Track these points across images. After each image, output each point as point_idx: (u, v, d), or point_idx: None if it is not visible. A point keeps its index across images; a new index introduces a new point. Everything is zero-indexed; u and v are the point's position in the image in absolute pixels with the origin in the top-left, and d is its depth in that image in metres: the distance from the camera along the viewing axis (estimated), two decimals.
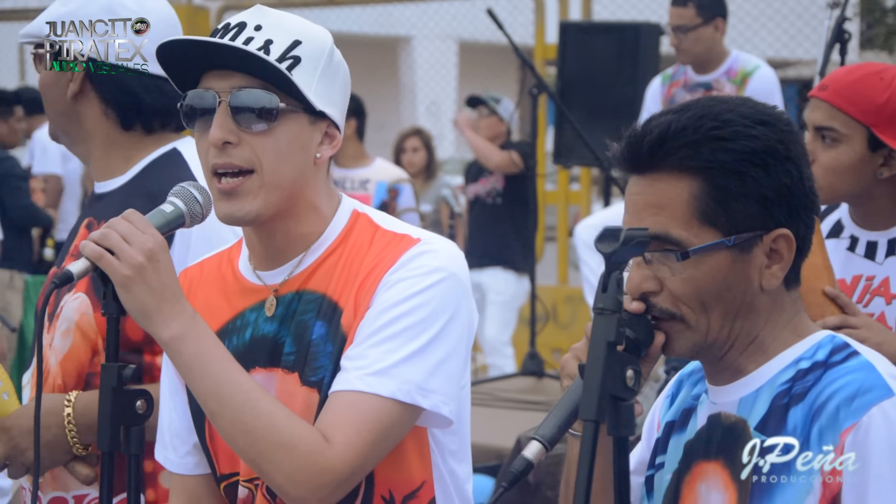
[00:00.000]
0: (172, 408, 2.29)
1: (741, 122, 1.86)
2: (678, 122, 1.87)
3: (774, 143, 1.86)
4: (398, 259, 2.11)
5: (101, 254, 2.01)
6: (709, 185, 1.84)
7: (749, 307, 1.88)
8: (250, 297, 2.21)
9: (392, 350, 2.07)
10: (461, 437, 2.24)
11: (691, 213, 1.85)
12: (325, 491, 2.05)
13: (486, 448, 5.48)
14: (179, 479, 2.29)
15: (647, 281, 1.87)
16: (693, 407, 1.99)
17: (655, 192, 1.87)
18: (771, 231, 1.86)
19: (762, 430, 1.85)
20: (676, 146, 1.85)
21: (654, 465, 2.02)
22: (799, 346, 1.89)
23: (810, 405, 1.82)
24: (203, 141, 2.13)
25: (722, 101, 1.90)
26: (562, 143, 7.92)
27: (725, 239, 1.84)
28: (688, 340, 1.88)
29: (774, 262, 1.87)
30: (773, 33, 11.77)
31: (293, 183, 2.13)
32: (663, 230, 1.85)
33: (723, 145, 1.84)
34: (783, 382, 1.86)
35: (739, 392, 1.90)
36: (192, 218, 2.12)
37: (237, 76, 2.10)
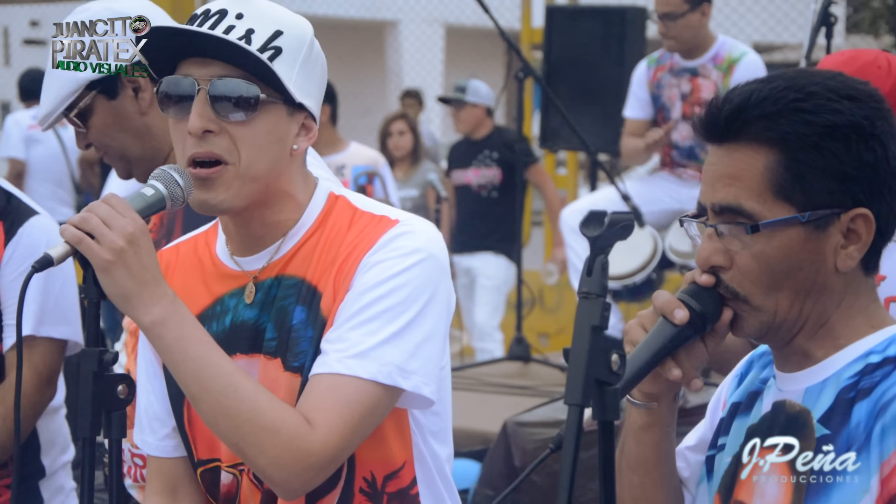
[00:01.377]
0: (150, 390, 2.28)
1: (826, 95, 1.80)
2: (760, 91, 1.81)
3: (859, 118, 1.79)
4: (377, 241, 2.11)
5: (81, 237, 1.99)
6: (785, 157, 1.79)
7: (821, 288, 1.82)
8: (229, 283, 2.20)
9: (372, 332, 2.06)
10: (442, 417, 2.24)
11: (765, 185, 1.79)
12: (309, 474, 2.05)
13: (472, 432, 5.47)
14: (157, 462, 2.29)
15: (717, 254, 1.83)
16: (760, 391, 1.93)
17: (731, 162, 1.82)
18: (849, 210, 1.80)
19: (825, 423, 1.80)
20: (755, 116, 1.80)
21: (716, 446, 1.97)
22: (871, 337, 1.83)
23: (875, 402, 1.76)
24: (179, 128, 2.11)
25: (810, 74, 1.85)
26: (548, 127, 7.91)
27: (799, 214, 1.79)
28: (755, 320, 1.83)
29: (851, 243, 1.81)
30: (760, 17, 11.77)
31: (268, 173, 2.12)
32: (736, 201, 1.81)
33: (803, 117, 1.79)
34: (851, 375, 1.81)
35: (806, 381, 1.84)
36: (172, 201, 2.10)
37: (217, 64, 2.08)
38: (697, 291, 1.84)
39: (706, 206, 1.86)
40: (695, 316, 1.83)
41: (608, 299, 1.77)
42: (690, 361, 1.87)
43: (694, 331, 1.84)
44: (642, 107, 6.54)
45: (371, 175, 7.34)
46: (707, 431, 2.03)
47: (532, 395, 6.07)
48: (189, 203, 2.12)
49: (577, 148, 8.28)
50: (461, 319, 8.42)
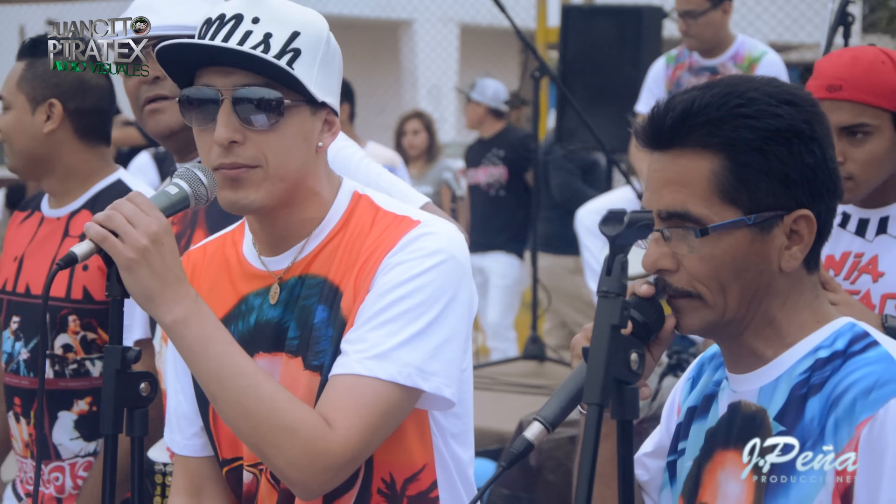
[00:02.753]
0: (179, 389, 2.29)
1: (766, 100, 1.84)
2: (702, 98, 1.85)
3: (799, 122, 1.84)
4: (398, 242, 2.11)
5: (105, 236, 2.00)
6: (731, 162, 1.82)
7: (767, 288, 1.86)
8: (254, 283, 2.21)
9: (392, 333, 2.06)
10: (464, 420, 2.24)
11: (712, 190, 1.83)
12: (327, 475, 2.05)
13: (487, 432, 5.48)
14: (184, 461, 2.29)
15: (665, 258, 1.86)
16: (714, 393, 1.97)
17: (677, 168, 1.85)
18: (792, 211, 1.84)
19: (781, 420, 1.83)
20: (699, 122, 1.84)
21: (676, 451, 2.01)
22: (818, 333, 1.87)
23: (827, 396, 1.80)
24: (204, 136, 2.11)
25: (747, 80, 1.88)
26: (564, 126, 7.90)
27: (746, 217, 1.83)
28: (701, 318, 1.86)
29: (794, 244, 1.85)
30: (776, 17, 11.74)
31: (297, 174, 2.13)
32: (683, 207, 1.84)
33: (746, 122, 1.83)
34: (802, 372, 1.84)
35: (759, 381, 1.88)
36: (196, 200, 2.11)
37: (238, 73, 2.08)
38: (639, 303, 1.86)
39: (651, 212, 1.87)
40: (638, 327, 1.85)
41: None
42: None
43: (639, 341, 1.85)
44: None
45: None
46: (664, 437, 2.06)
47: (547, 394, 6.07)
48: (219, 202, 2.13)
49: (592, 147, 8.26)
50: (477, 320, 8.43)
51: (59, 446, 3.07)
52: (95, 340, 3.03)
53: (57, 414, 3.04)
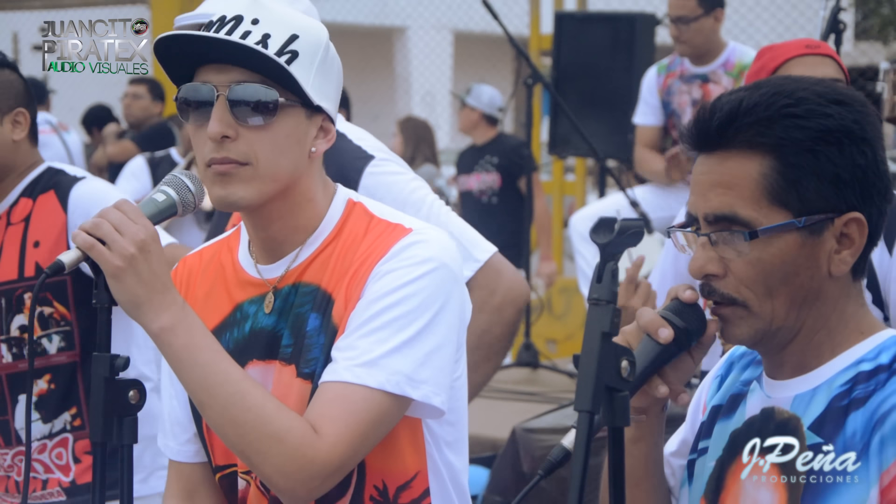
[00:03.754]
0: (173, 395, 2.29)
1: (816, 100, 1.79)
2: (750, 98, 1.80)
3: (850, 122, 1.79)
4: (389, 249, 2.10)
5: (93, 244, 1.99)
6: (780, 162, 1.78)
7: (816, 294, 1.81)
8: (249, 290, 2.20)
9: (381, 341, 2.06)
10: (458, 428, 2.23)
11: (761, 192, 1.78)
12: (315, 482, 2.04)
13: (480, 439, 5.47)
14: (177, 467, 2.29)
15: (712, 263, 1.82)
16: (742, 393, 1.92)
17: (724, 170, 1.80)
18: (843, 214, 1.79)
19: (818, 430, 1.79)
20: (747, 123, 1.79)
21: (697, 450, 1.97)
22: (861, 345, 1.82)
23: (872, 412, 1.75)
24: (199, 134, 2.12)
25: (796, 80, 1.84)
26: (557, 133, 7.91)
27: (796, 220, 1.78)
28: (749, 327, 1.82)
29: (845, 248, 1.80)
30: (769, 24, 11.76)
31: (288, 175, 2.13)
32: (730, 210, 1.79)
33: (796, 122, 1.78)
34: (843, 384, 1.79)
35: (796, 388, 1.83)
36: (184, 207, 2.11)
37: (235, 70, 2.09)
38: (681, 308, 1.84)
39: (697, 216, 1.85)
40: (679, 333, 1.83)
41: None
42: (677, 377, 1.86)
43: (679, 348, 1.84)
44: (653, 113, 6.53)
45: None
46: (688, 434, 2.03)
47: (540, 401, 6.07)
48: (209, 200, 2.12)
49: (585, 154, 8.28)
50: None
51: (21, 430, 3.07)
52: (52, 315, 3.03)
53: (17, 397, 3.05)
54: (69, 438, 3.07)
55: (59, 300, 3.02)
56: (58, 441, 3.07)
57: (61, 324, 3.02)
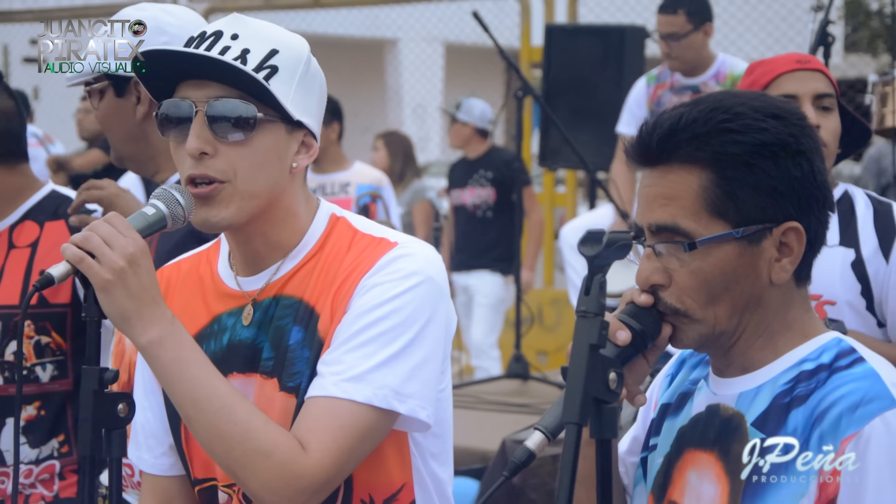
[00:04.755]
0: (147, 407, 2.28)
1: (752, 115, 1.86)
2: (689, 114, 1.87)
3: (785, 136, 1.85)
4: (375, 263, 2.11)
5: (82, 257, 2.00)
6: (718, 176, 1.84)
7: (758, 300, 1.87)
8: (228, 302, 2.20)
9: (368, 355, 2.06)
10: (443, 439, 2.23)
11: (700, 204, 1.85)
12: (301, 498, 2.04)
13: (470, 451, 5.47)
14: (152, 480, 2.29)
15: (656, 273, 1.87)
16: (690, 392, 1.99)
17: (665, 183, 1.87)
18: (781, 224, 1.86)
19: (760, 427, 1.85)
20: (686, 138, 1.86)
21: (649, 447, 2.02)
22: (804, 346, 1.89)
23: (812, 409, 1.81)
24: (179, 150, 2.12)
25: (734, 95, 1.91)
26: (547, 145, 7.92)
27: (734, 230, 1.84)
28: (694, 332, 1.88)
29: (784, 256, 1.87)
30: (758, 36, 11.80)
31: (268, 192, 2.13)
32: (672, 221, 1.85)
33: (732, 137, 1.84)
34: (785, 382, 1.86)
35: (740, 386, 1.90)
36: (173, 220, 2.11)
37: (214, 86, 2.09)
38: (637, 311, 1.88)
39: (643, 227, 1.90)
40: (636, 336, 1.86)
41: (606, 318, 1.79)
42: (633, 378, 1.90)
43: (636, 350, 1.87)
44: (638, 124, 6.54)
45: (374, 196, 7.36)
46: (639, 432, 2.08)
47: (531, 412, 6.07)
48: (191, 222, 2.12)
49: (576, 166, 8.29)
50: (461, 339, 8.42)
51: (6, 452, 3.06)
52: (49, 344, 3.03)
53: (5, 420, 3.04)
54: (56, 465, 3.07)
55: (58, 331, 3.00)
56: (44, 467, 3.06)
57: (56, 353, 3.02)
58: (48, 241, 3.06)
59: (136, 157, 2.88)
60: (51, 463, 3.06)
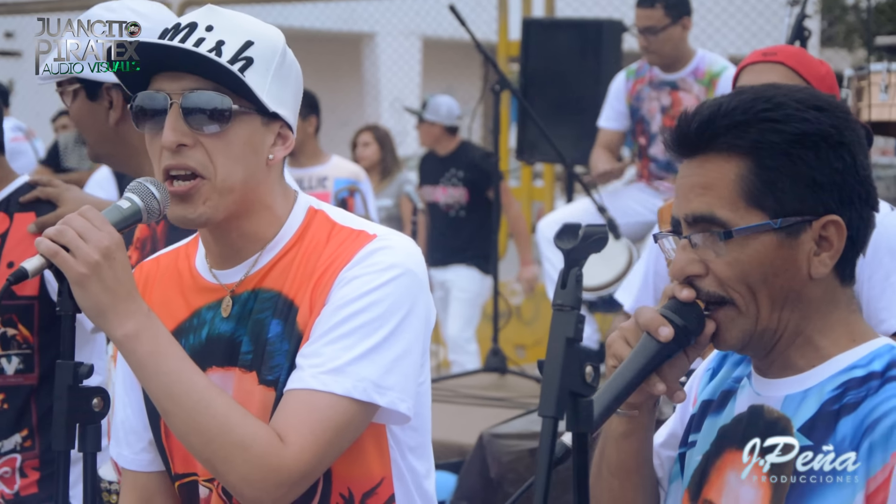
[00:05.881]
0: (127, 403, 2.27)
1: (794, 105, 1.83)
2: (729, 103, 1.84)
3: (827, 127, 1.82)
4: (354, 255, 2.10)
5: (57, 251, 1.98)
6: (756, 165, 1.81)
7: (798, 296, 1.83)
8: (206, 296, 2.20)
9: (347, 347, 2.06)
10: (421, 433, 2.23)
11: (738, 193, 1.82)
12: (280, 491, 2.03)
13: (448, 444, 5.47)
14: (132, 476, 2.28)
15: (692, 264, 1.84)
16: (733, 390, 1.95)
17: (703, 172, 1.84)
18: (821, 217, 1.82)
19: (808, 433, 1.81)
20: (725, 125, 1.83)
21: (688, 443, 1.99)
22: (854, 352, 1.84)
23: (863, 418, 1.77)
24: (155, 143, 2.11)
25: (776, 87, 1.88)
26: (524, 139, 7.92)
27: (772, 221, 1.81)
28: (739, 329, 1.84)
29: (824, 250, 1.83)
30: (735, 30, 11.82)
31: (245, 185, 2.12)
32: (709, 210, 1.82)
33: (773, 126, 1.81)
34: (834, 388, 1.82)
35: (786, 389, 1.86)
36: (148, 214, 2.10)
37: (189, 78, 2.08)
38: (679, 307, 1.85)
39: (679, 219, 1.87)
40: (679, 332, 1.84)
41: (583, 311, 1.78)
42: (673, 375, 1.88)
43: (678, 346, 1.85)
44: (618, 118, 6.56)
45: (352, 190, 7.35)
46: (677, 427, 2.04)
47: (508, 406, 6.08)
48: (167, 217, 2.11)
49: (553, 160, 8.30)
50: (438, 333, 8.42)
51: None
52: (15, 337, 3.01)
53: None
54: (17, 459, 3.05)
55: (24, 323, 2.98)
56: (6, 460, 3.05)
57: (23, 346, 3.00)
58: (17, 233, 3.04)
59: (115, 155, 2.86)
60: (12, 457, 3.05)
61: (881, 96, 4.48)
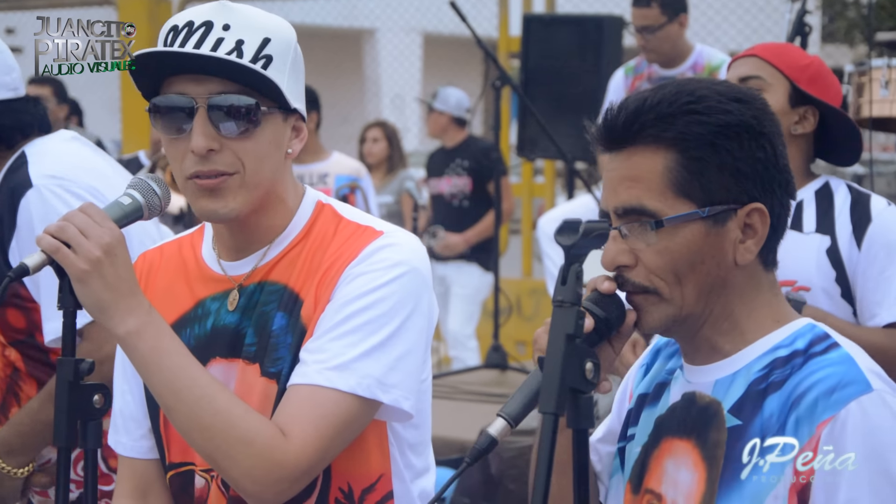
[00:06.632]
0: (127, 390, 2.28)
1: (716, 97, 1.88)
2: (654, 97, 1.89)
3: (748, 118, 1.88)
4: (360, 252, 2.11)
5: (58, 247, 1.99)
6: (683, 156, 1.86)
7: (723, 282, 1.89)
8: (212, 287, 2.20)
9: (352, 344, 2.06)
10: (421, 430, 2.24)
11: (666, 184, 1.86)
12: (282, 485, 2.04)
13: (449, 441, 5.48)
14: (130, 464, 2.28)
15: (623, 255, 1.88)
16: (667, 381, 2.00)
17: (631, 165, 1.88)
18: (745, 205, 1.87)
19: (737, 413, 1.86)
20: (651, 119, 1.87)
21: (626, 437, 2.03)
22: (777, 333, 1.90)
23: (788, 394, 1.83)
24: (177, 146, 2.09)
25: (698, 80, 1.93)
26: (525, 135, 7.92)
27: (699, 210, 1.86)
28: (661, 313, 1.88)
29: (748, 237, 1.88)
30: (736, 26, 11.82)
31: (270, 180, 2.13)
32: (638, 202, 1.86)
33: (697, 118, 1.86)
34: (760, 369, 1.87)
35: (715, 374, 1.91)
36: (150, 210, 2.10)
37: (212, 81, 2.07)
38: (600, 298, 1.88)
39: (609, 211, 1.91)
40: (600, 323, 1.87)
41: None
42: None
43: (599, 337, 1.88)
44: None
45: (353, 186, 7.35)
46: (615, 423, 2.08)
47: None
48: (194, 212, 2.12)
49: (554, 156, 8.29)
50: (438, 329, 8.42)
51: None
52: None
53: None
54: None
55: None
56: None
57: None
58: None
59: None
60: None
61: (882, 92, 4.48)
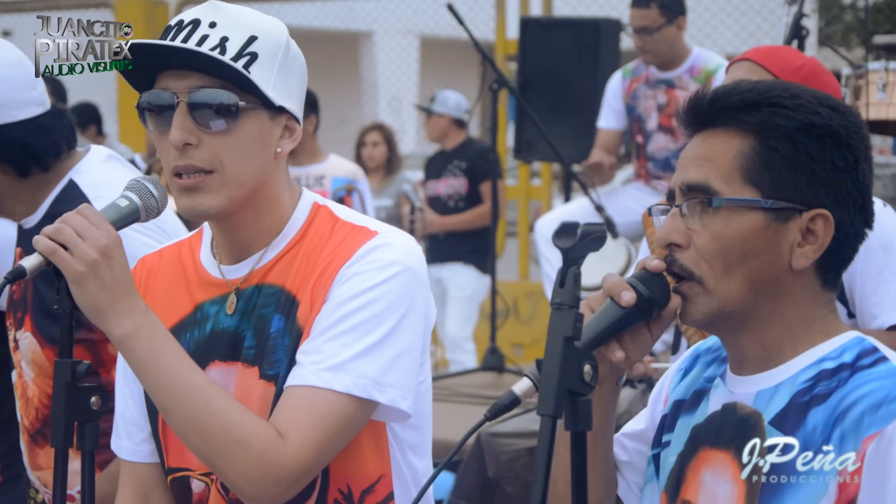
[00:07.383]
0: (128, 395, 2.28)
1: (809, 99, 1.84)
2: (747, 85, 1.86)
3: (837, 125, 1.83)
4: (354, 252, 2.11)
5: (55, 249, 1.99)
6: (759, 144, 1.82)
7: (775, 283, 1.83)
8: (210, 290, 2.20)
9: (348, 344, 2.06)
10: (421, 431, 2.23)
11: (736, 167, 1.82)
12: (280, 487, 2.04)
13: (445, 443, 5.45)
14: (131, 468, 2.28)
15: (677, 233, 1.85)
16: (705, 390, 1.94)
17: (707, 145, 1.86)
18: (811, 209, 1.82)
19: (779, 426, 1.81)
20: (737, 101, 1.84)
21: (661, 444, 1.99)
22: (825, 345, 1.84)
23: (833, 408, 1.77)
24: (163, 141, 2.11)
25: (799, 84, 1.89)
26: (522, 138, 7.92)
27: (762, 199, 1.81)
28: (705, 305, 1.84)
29: (808, 243, 1.82)
30: (732, 29, 11.83)
31: (255, 179, 2.12)
32: (704, 179, 1.83)
33: (783, 112, 1.83)
34: (805, 381, 1.81)
35: (759, 384, 1.86)
36: (147, 212, 2.10)
37: (194, 76, 2.09)
38: (647, 277, 1.85)
39: (675, 189, 1.88)
40: (642, 300, 1.84)
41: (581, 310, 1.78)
42: (635, 346, 1.87)
43: (640, 315, 1.85)
44: (616, 117, 6.56)
45: (350, 189, 7.35)
46: (648, 426, 2.04)
47: None
48: (177, 210, 2.12)
49: (551, 159, 8.29)
50: (435, 332, 8.42)
51: None
52: None
53: None
54: None
55: None
56: None
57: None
58: None
59: None
60: None
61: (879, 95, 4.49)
